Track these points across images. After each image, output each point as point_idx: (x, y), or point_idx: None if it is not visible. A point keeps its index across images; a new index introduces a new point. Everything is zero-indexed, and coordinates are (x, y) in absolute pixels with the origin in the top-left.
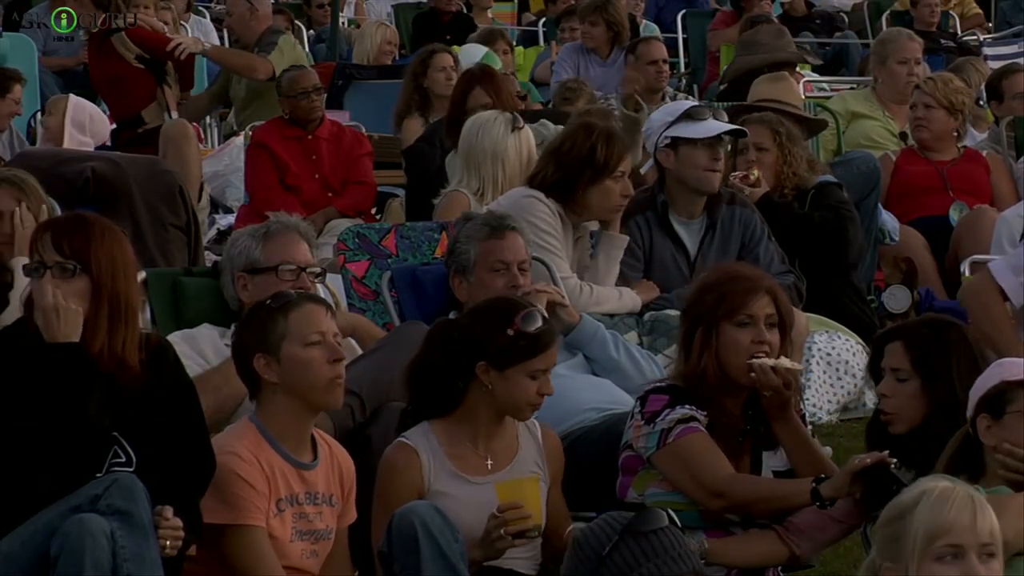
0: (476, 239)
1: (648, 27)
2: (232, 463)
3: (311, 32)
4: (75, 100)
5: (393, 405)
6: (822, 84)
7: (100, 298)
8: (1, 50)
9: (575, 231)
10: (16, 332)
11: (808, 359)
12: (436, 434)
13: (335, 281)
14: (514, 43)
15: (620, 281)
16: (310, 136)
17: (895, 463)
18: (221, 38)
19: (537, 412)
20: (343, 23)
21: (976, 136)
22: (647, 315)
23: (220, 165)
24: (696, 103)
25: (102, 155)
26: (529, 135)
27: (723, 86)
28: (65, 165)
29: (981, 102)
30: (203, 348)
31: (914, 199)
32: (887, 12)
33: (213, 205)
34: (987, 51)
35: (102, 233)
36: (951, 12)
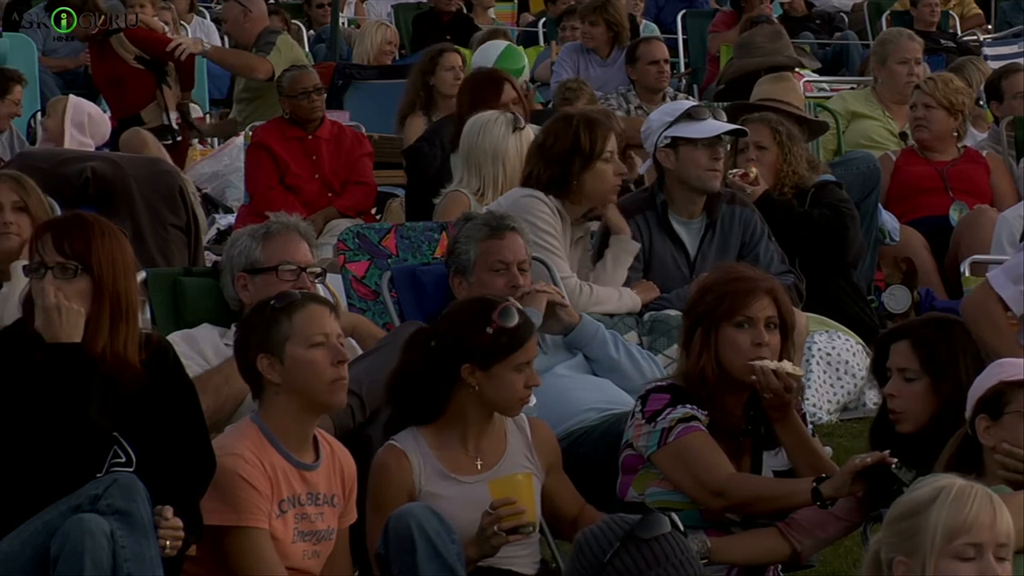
0: (476, 239)
1: (648, 27)
2: (235, 465)
3: (311, 32)
4: (75, 100)
5: None
6: (822, 84)
7: (101, 298)
8: (1, 50)
9: (576, 231)
10: (16, 332)
11: (808, 359)
12: (425, 436)
13: (335, 281)
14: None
15: None
16: (310, 136)
17: (896, 463)
18: (223, 38)
19: (537, 412)
20: (343, 23)
21: (976, 136)
22: (647, 315)
23: (220, 165)
24: (696, 103)
25: (102, 155)
26: (530, 135)
27: (720, 87)
28: (65, 165)
29: (981, 102)
30: (203, 348)
31: (914, 199)
32: (887, 12)
33: (213, 205)
34: (987, 51)
35: (103, 233)
36: (951, 12)
